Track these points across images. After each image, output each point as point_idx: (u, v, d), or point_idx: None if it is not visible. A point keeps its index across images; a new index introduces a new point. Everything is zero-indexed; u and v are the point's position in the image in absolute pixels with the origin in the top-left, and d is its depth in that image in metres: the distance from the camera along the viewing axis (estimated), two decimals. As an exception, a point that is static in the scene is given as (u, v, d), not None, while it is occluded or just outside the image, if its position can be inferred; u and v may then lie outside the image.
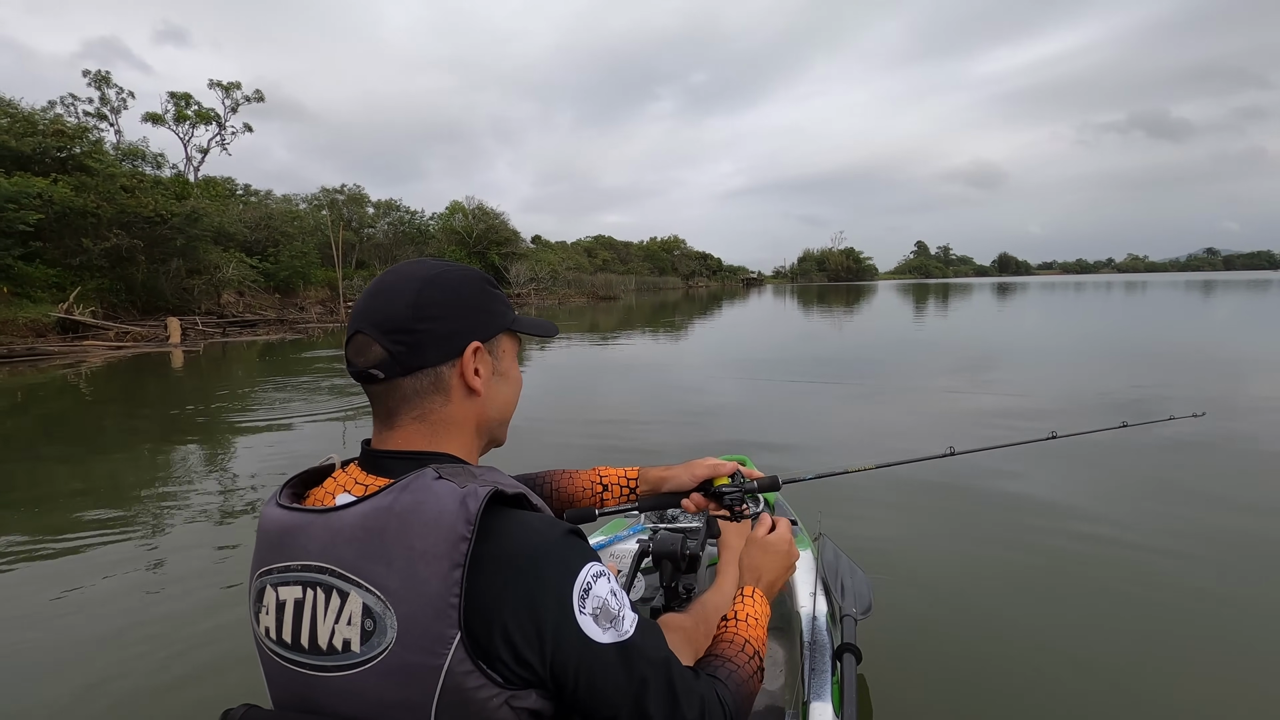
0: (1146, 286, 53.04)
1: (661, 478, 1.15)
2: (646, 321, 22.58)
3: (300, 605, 0.68)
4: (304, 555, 0.68)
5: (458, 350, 0.77)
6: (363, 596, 0.64)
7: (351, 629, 0.64)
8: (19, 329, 14.95)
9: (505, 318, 0.84)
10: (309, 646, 0.67)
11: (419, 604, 0.62)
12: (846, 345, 13.75)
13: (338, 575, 0.66)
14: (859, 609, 1.60)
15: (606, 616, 0.68)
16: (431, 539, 0.63)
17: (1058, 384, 7.84)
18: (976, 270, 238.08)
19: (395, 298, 0.76)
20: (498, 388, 0.84)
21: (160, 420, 7.07)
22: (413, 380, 0.76)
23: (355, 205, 42.10)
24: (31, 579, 3.09)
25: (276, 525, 0.72)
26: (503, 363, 0.85)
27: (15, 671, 2.36)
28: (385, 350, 0.75)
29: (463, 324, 0.78)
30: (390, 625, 0.63)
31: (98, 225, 18.10)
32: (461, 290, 0.79)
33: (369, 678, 0.64)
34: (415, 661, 0.62)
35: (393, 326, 0.75)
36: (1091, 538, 3.28)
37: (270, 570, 0.71)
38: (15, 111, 20.32)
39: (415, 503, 0.65)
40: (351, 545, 0.66)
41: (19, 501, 4.32)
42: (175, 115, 36.35)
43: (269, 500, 0.75)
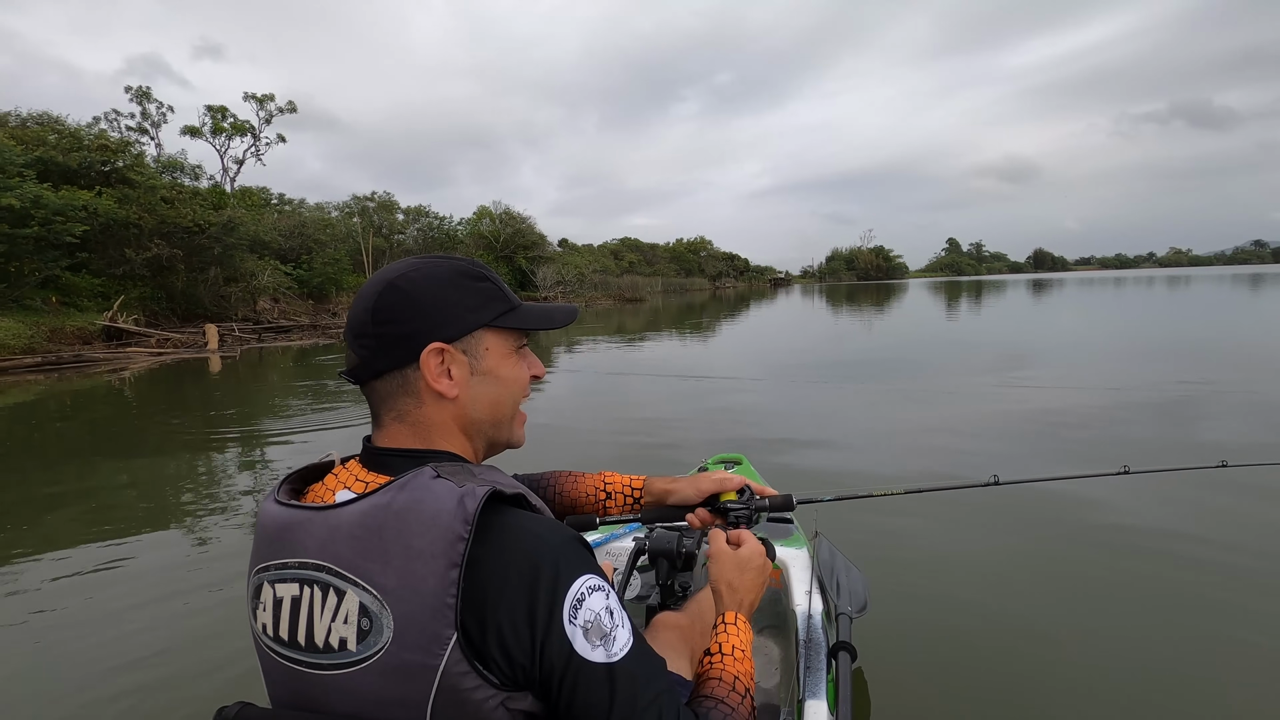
0: (1190, 281, 51.31)
1: (667, 490, 1.12)
2: (673, 323, 22.53)
3: (298, 603, 0.67)
4: (302, 552, 0.68)
5: (414, 353, 0.74)
6: (359, 595, 0.64)
7: (348, 628, 0.64)
8: (67, 337, 15.50)
9: (484, 313, 0.79)
10: (306, 644, 0.67)
11: (416, 603, 0.62)
12: (877, 345, 13.53)
13: (335, 573, 0.65)
14: (855, 607, 1.58)
15: (597, 632, 0.66)
16: (429, 538, 0.63)
17: (1105, 382, 7.60)
18: (1011, 267, 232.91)
19: (361, 302, 0.77)
20: (479, 390, 0.79)
21: (197, 424, 7.25)
22: (382, 383, 0.77)
23: (385, 212, 42.84)
24: (56, 574, 3.18)
25: (275, 522, 0.71)
26: (485, 362, 0.79)
27: (22, 665, 2.41)
28: (356, 354, 0.76)
29: (419, 325, 0.75)
30: (387, 624, 0.62)
31: (140, 236, 18.69)
32: (423, 289, 0.76)
33: (365, 676, 0.64)
34: (411, 661, 0.62)
35: (358, 331, 0.76)
36: (1091, 535, 3.24)
37: (268, 567, 0.70)
38: (62, 128, 21.14)
39: (413, 501, 0.65)
40: (349, 543, 0.65)
41: (67, 497, 4.46)
42: (212, 128, 37.44)
43: (268, 496, 0.75)
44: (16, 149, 16.91)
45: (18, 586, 3.08)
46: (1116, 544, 3.12)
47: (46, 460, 5.85)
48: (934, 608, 2.61)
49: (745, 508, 1.08)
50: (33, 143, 18.78)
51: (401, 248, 41.70)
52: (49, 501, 4.51)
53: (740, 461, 2.55)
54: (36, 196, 15.51)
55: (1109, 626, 2.45)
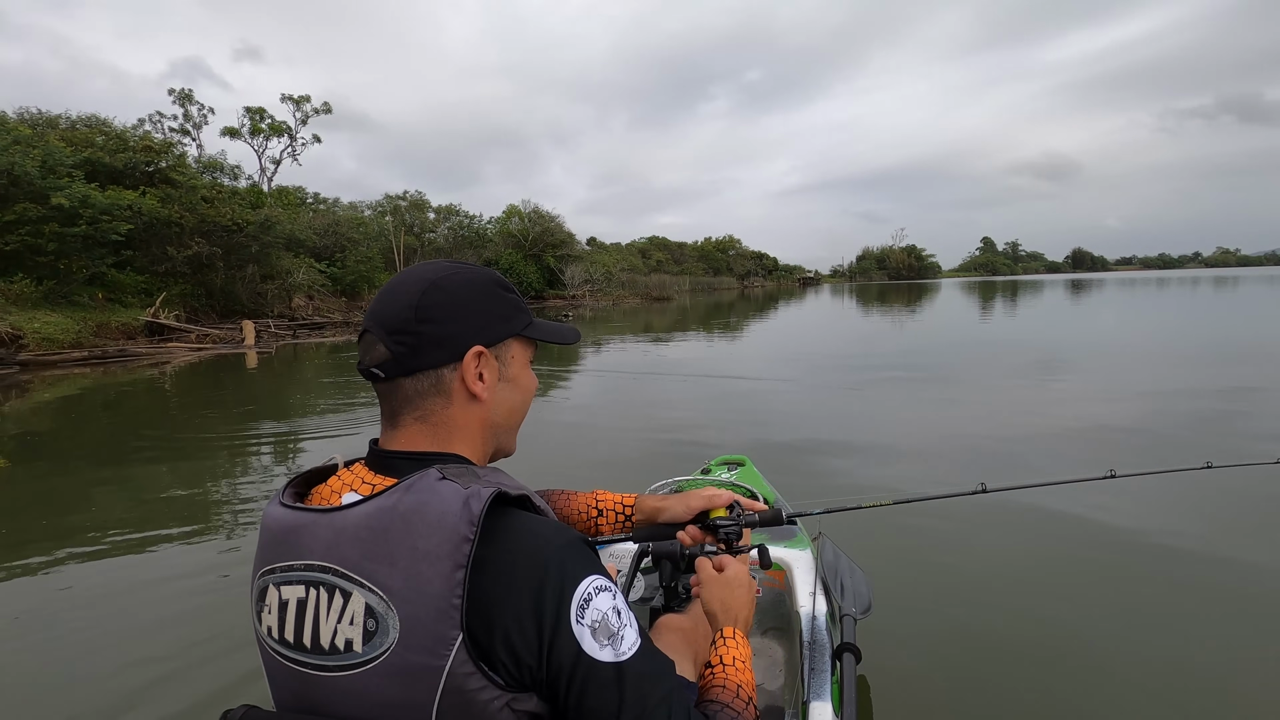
0: (1239, 282, 49.52)
1: (657, 508, 1.12)
2: (700, 322, 22.46)
3: (303, 605, 0.68)
4: (307, 555, 0.68)
5: (458, 354, 0.76)
6: (365, 596, 0.64)
7: (354, 629, 0.64)
8: (112, 332, 16.03)
9: (515, 322, 0.82)
10: (311, 646, 0.67)
11: (421, 604, 0.62)
12: (906, 346, 13.31)
13: (341, 575, 0.65)
14: (859, 609, 1.58)
15: (605, 632, 0.67)
16: (435, 539, 0.63)
17: (1141, 386, 7.38)
18: (1048, 266, 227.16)
19: (400, 298, 0.76)
20: (504, 394, 0.82)
21: (233, 419, 7.44)
22: (413, 381, 0.76)
23: (417, 211, 43.49)
24: (87, 560, 3.28)
25: (280, 524, 0.71)
26: (511, 368, 0.83)
27: (35, 652, 2.49)
28: (388, 350, 0.75)
29: (465, 327, 0.77)
30: (393, 625, 0.62)
31: (181, 234, 19.25)
32: (467, 293, 0.78)
33: (371, 678, 0.64)
34: (417, 662, 0.62)
35: (395, 327, 0.75)
36: (1097, 539, 3.22)
37: (273, 569, 0.70)
38: (110, 130, 21.85)
39: (419, 503, 0.65)
40: (355, 545, 0.65)
41: (109, 485, 4.61)
42: (250, 129, 38.39)
43: (272, 500, 0.75)
44: (66, 150, 17.52)
45: (48, 570, 3.19)
46: (1122, 548, 3.12)
47: (92, 450, 6.07)
48: (938, 608, 2.62)
49: (735, 524, 1.09)
50: (81, 144, 19.46)
51: (432, 246, 42.31)
52: (92, 489, 4.68)
53: (743, 463, 2.54)
54: (85, 196, 16.07)
55: (1113, 628, 2.45)
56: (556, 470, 4.69)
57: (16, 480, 5.05)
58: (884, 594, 2.57)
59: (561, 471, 4.65)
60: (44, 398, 9.34)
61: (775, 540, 1.82)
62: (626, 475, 4.48)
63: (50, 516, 4.12)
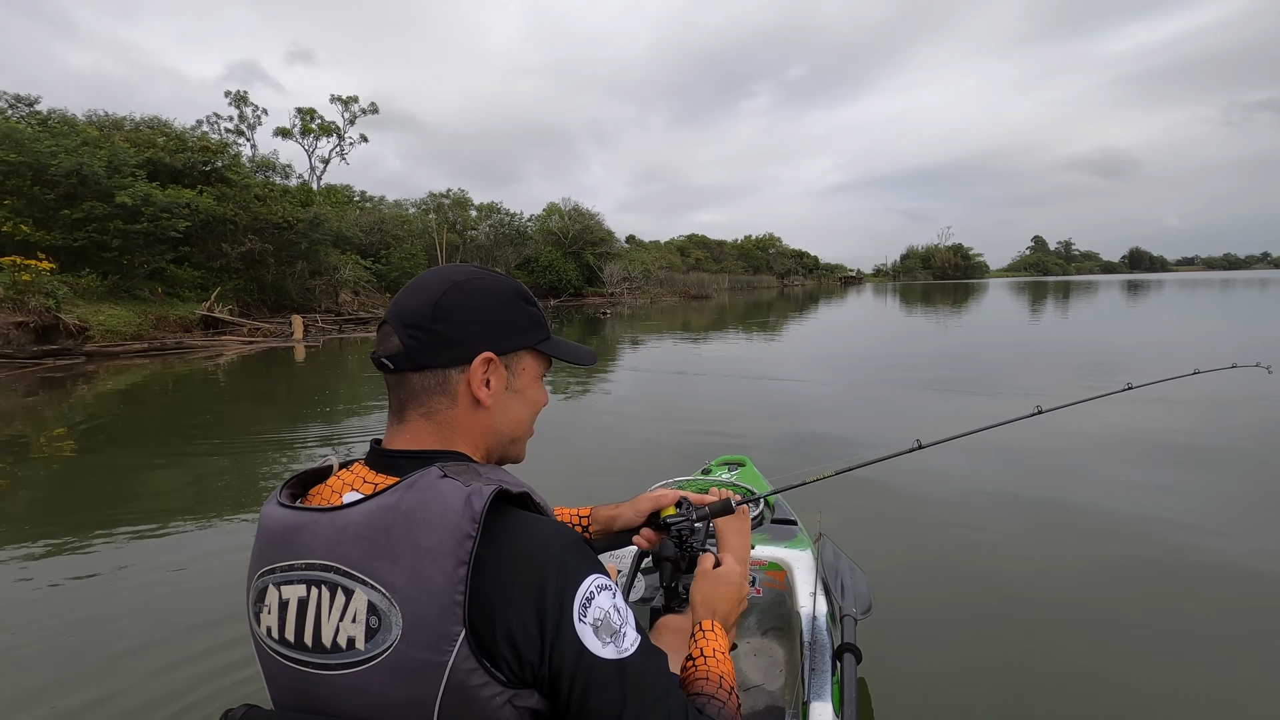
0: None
1: (611, 516, 1.13)
2: (738, 321, 22.32)
3: (304, 604, 0.68)
4: (308, 554, 0.68)
5: (468, 357, 0.77)
6: (368, 594, 0.64)
7: (356, 626, 0.64)
8: (170, 325, 16.73)
9: (531, 336, 0.83)
10: (313, 645, 0.67)
11: (424, 601, 0.62)
12: (949, 348, 12.98)
13: (342, 573, 0.66)
14: (859, 609, 1.58)
15: (608, 630, 0.67)
16: (437, 536, 0.63)
17: (1200, 394, 7.05)
18: (1103, 267, 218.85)
19: (421, 294, 0.78)
20: (509, 404, 0.82)
21: (282, 410, 7.69)
22: (421, 377, 0.77)
23: (459, 209, 44.21)
24: (135, 540, 3.43)
25: (280, 524, 0.71)
26: (519, 380, 0.83)
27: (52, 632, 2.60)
28: (401, 342, 0.76)
29: (478, 332, 0.78)
30: (395, 622, 0.63)
31: (235, 231, 19.99)
32: (486, 299, 0.79)
33: (373, 675, 0.64)
34: (420, 658, 0.62)
35: (411, 321, 0.76)
36: (1094, 536, 3.24)
37: (273, 569, 0.70)
38: (170, 131, 22.82)
39: (421, 501, 0.65)
40: (357, 543, 0.66)
41: (167, 470, 4.82)
42: (301, 129, 39.55)
43: (269, 500, 0.75)
44: (130, 151, 18.37)
45: (106, 544, 3.35)
46: (1126, 550, 3.08)
47: (151, 436, 6.35)
48: (938, 609, 2.61)
49: (685, 519, 1.10)
50: (144, 145, 20.37)
51: (474, 244, 42.96)
52: (151, 474, 4.89)
53: (744, 463, 2.54)
54: (146, 195, 16.82)
55: (1118, 630, 2.43)
56: (580, 464, 4.73)
57: (83, 463, 5.32)
58: (885, 595, 2.58)
59: (583, 465, 4.68)
60: (107, 387, 9.80)
61: (775, 540, 1.83)
62: (636, 469, 4.48)
63: (110, 498, 4.32)
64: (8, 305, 12.87)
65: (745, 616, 1.79)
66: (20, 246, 15.22)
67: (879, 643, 2.23)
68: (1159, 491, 3.87)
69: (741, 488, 2.10)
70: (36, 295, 13.06)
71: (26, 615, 2.73)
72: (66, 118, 20.26)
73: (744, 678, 1.65)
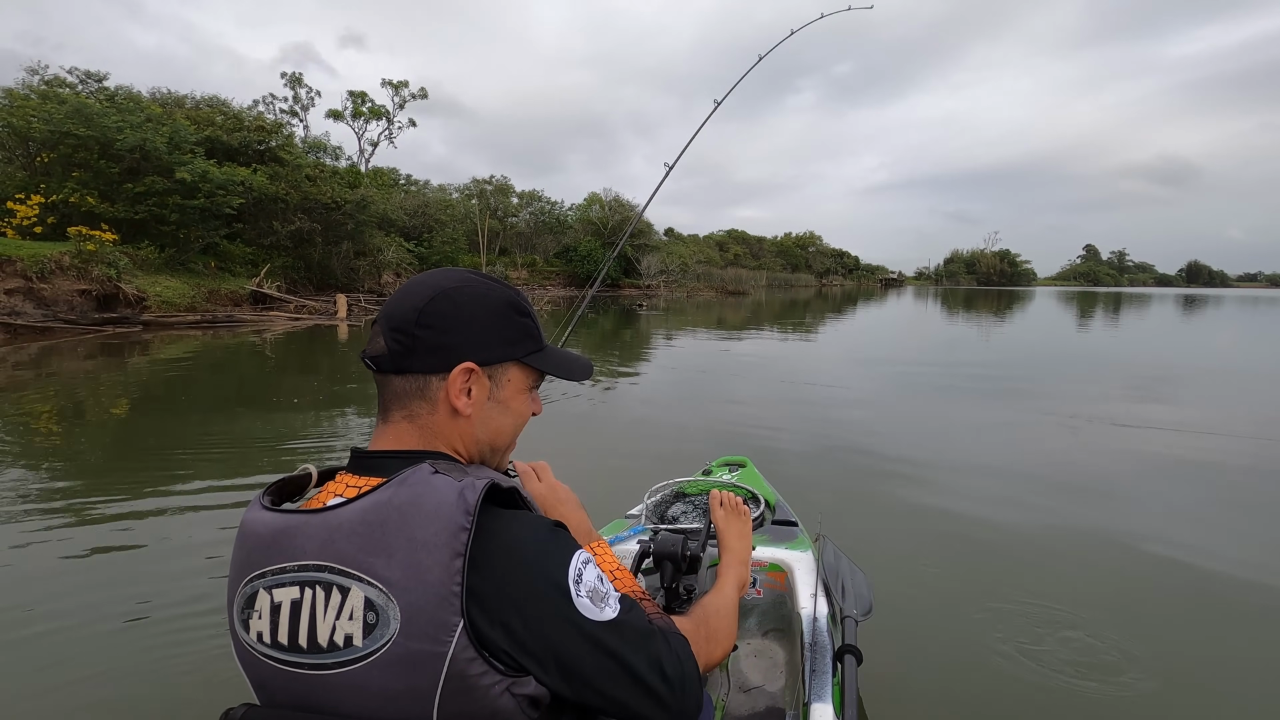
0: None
1: None
2: (774, 319, 22.15)
3: (298, 605, 0.67)
4: (300, 555, 0.68)
5: (448, 365, 0.77)
6: (364, 590, 0.64)
7: (354, 624, 0.65)
8: (221, 299, 17.32)
9: (519, 348, 0.83)
10: (308, 646, 0.67)
11: (421, 593, 0.63)
12: (990, 356, 12.69)
13: (337, 571, 0.66)
14: (860, 610, 1.56)
15: (598, 596, 0.71)
16: (432, 529, 0.64)
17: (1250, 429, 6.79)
18: (1158, 279, 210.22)
19: (409, 299, 0.78)
20: (490, 414, 0.82)
21: (325, 386, 7.93)
22: (403, 380, 0.78)
23: (501, 195, 44.68)
24: (177, 510, 3.60)
25: (268, 528, 0.71)
26: (503, 391, 0.83)
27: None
28: (385, 345, 0.77)
29: (459, 341, 0.78)
30: (393, 616, 0.63)
31: (285, 210, 20.55)
32: (474, 308, 0.79)
33: (372, 670, 0.64)
34: (419, 650, 0.63)
35: (397, 324, 0.77)
36: (1097, 536, 3.26)
37: (263, 573, 0.69)
38: (228, 110, 23.57)
39: (414, 495, 0.66)
40: (351, 540, 0.66)
41: (213, 439, 5.04)
42: (352, 112, 40.35)
43: (251, 506, 0.75)
44: (190, 129, 18.99)
45: (116, 516, 3.52)
46: (1132, 553, 3.09)
47: (201, 405, 6.61)
48: (939, 610, 2.60)
49: None
50: (203, 123, 21.05)
51: (514, 230, 43.39)
52: (201, 442, 5.11)
53: (745, 464, 2.54)
54: (204, 172, 17.41)
55: (1121, 631, 2.41)
56: (581, 462, 4.78)
57: (137, 425, 5.58)
58: (886, 596, 2.56)
59: (584, 463, 4.74)
60: (162, 355, 10.23)
61: (776, 542, 1.83)
62: (636, 469, 4.52)
63: (160, 461, 4.53)
64: (73, 273, 13.48)
65: (746, 618, 1.80)
66: (86, 217, 15.92)
67: (880, 644, 2.22)
68: (1175, 506, 3.80)
69: (743, 489, 2.10)
70: (99, 265, 13.66)
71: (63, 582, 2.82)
72: (132, 94, 21.03)
73: (744, 679, 1.66)
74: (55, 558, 2.97)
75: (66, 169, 16.69)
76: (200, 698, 2.02)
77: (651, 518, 1.87)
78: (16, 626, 2.40)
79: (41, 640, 2.31)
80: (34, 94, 17.65)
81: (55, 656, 2.22)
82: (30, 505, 3.61)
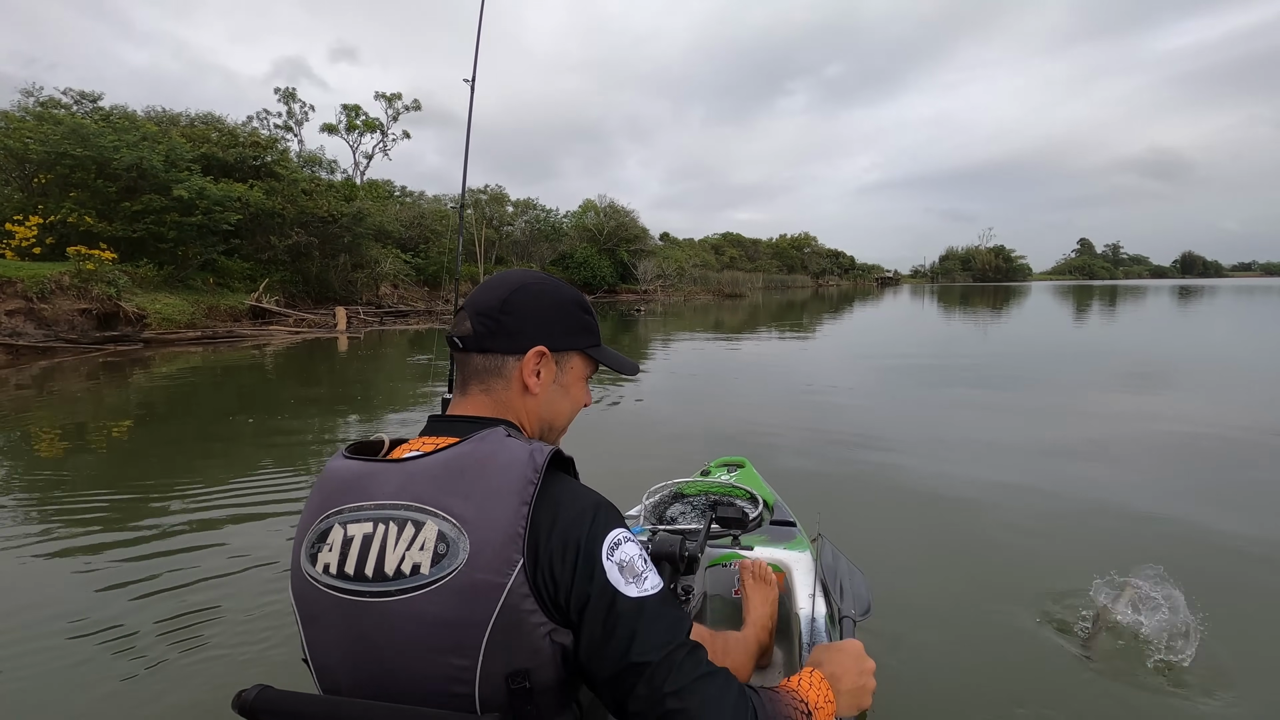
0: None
1: None
2: (771, 320, 22.23)
3: (369, 539, 0.75)
4: (379, 495, 0.77)
5: (524, 347, 0.90)
6: (438, 524, 0.73)
7: (424, 553, 0.73)
8: (220, 314, 17.37)
9: (581, 339, 0.96)
10: (373, 574, 0.74)
11: (491, 530, 0.72)
12: (986, 350, 12.77)
13: (414, 509, 0.75)
14: (858, 610, 1.57)
15: (631, 571, 0.76)
16: (505, 479, 0.75)
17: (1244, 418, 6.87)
18: (1153, 271, 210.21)
19: (495, 290, 0.92)
20: (554, 396, 0.95)
21: (325, 398, 7.99)
22: (483, 358, 0.91)
23: (496, 204, 44.69)
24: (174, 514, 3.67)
25: (350, 471, 0.81)
26: (566, 376, 0.96)
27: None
28: (471, 326, 0.90)
29: (535, 328, 0.90)
30: (463, 548, 0.72)
31: (282, 224, 20.61)
32: (547, 301, 0.92)
33: (433, 597, 0.72)
34: (482, 580, 0.71)
35: (482, 310, 0.90)
36: (1098, 535, 3.25)
37: (341, 510, 0.78)
38: (223, 127, 23.65)
39: (491, 450, 0.77)
40: (431, 483, 0.76)
41: (214, 450, 5.11)
42: (346, 125, 40.47)
43: (334, 457, 0.86)
44: (186, 146, 19.07)
45: (156, 524, 3.60)
46: (1138, 554, 2.99)
47: (203, 419, 6.68)
48: (938, 610, 2.59)
49: None
50: (199, 140, 21.12)
51: (510, 239, 43.44)
52: (202, 452, 5.19)
53: (743, 465, 2.56)
54: (201, 189, 17.47)
55: (1119, 630, 2.38)
56: (580, 462, 4.87)
57: (138, 442, 5.65)
58: (884, 596, 2.57)
59: (582, 463, 4.81)
60: (163, 371, 10.29)
61: (774, 542, 1.83)
62: (638, 469, 4.59)
63: (163, 475, 4.60)
64: (73, 292, 13.55)
65: None
66: (84, 237, 15.98)
67: (879, 644, 2.24)
68: (1182, 504, 3.75)
69: (742, 489, 2.12)
70: (99, 284, 13.72)
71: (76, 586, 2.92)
72: (127, 113, 21.13)
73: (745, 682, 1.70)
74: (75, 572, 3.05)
75: (64, 189, 16.75)
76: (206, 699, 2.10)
77: (650, 518, 1.92)
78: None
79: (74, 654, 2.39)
80: (30, 116, 17.73)
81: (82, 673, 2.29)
82: (62, 521, 3.68)
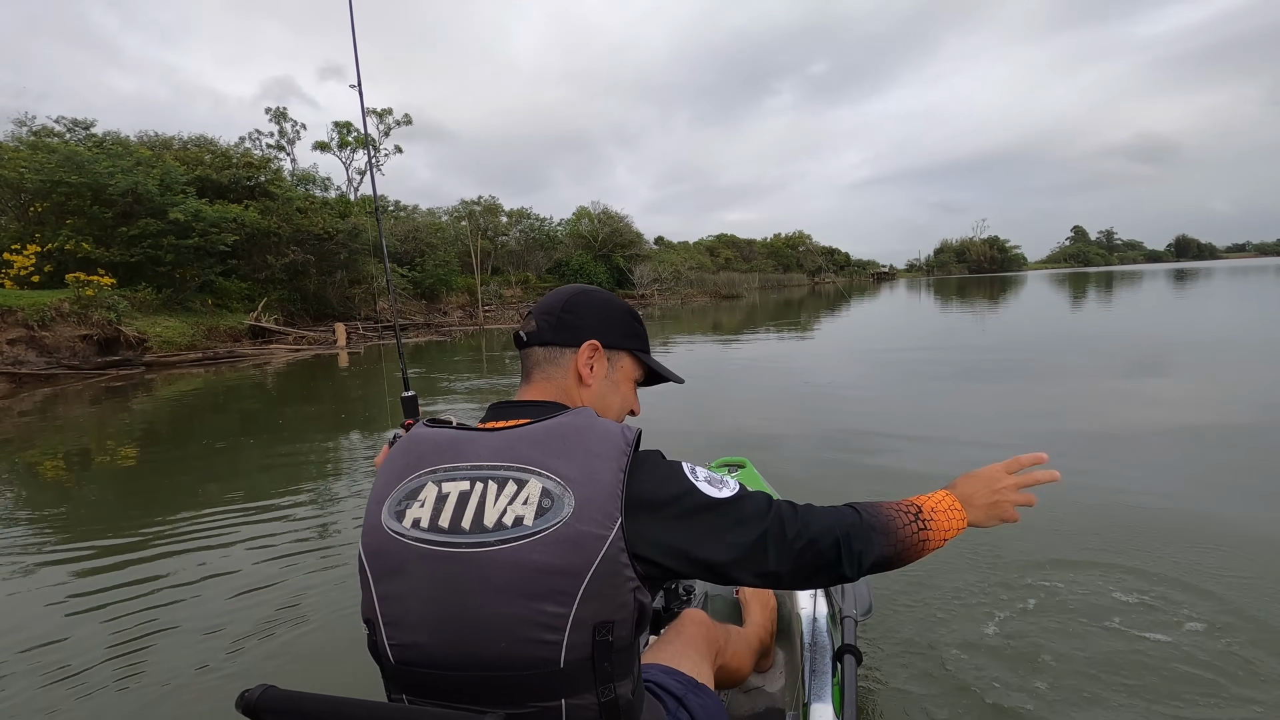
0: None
1: None
2: (769, 320, 22.30)
3: (465, 496, 0.83)
4: (475, 458, 0.85)
5: (579, 341, 1.03)
6: (543, 481, 0.81)
7: (528, 507, 0.80)
8: (220, 335, 17.45)
9: (630, 342, 1.09)
10: (471, 527, 0.81)
11: (594, 488, 0.81)
12: (983, 342, 12.84)
13: (516, 469, 0.83)
14: (860, 610, 1.59)
15: (715, 482, 0.90)
16: (605, 445, 0.85)
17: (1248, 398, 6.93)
18: (1148, 256, 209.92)
19: (559, 296, 1.07)
20: (604, 389, 1.06)
21: (328, 414, 8.05)
22: (545, 351, 1.03)
23: (490, 215, 44.79)
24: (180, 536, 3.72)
25: (444, 437, 0.90)
26: (617, 374, 1.08)
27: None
28: (536, 324, 1.04)
29: (589, 326, 1.04)
30: (568, 503, 0.79)
31: (279, 243, 20.71)
32: (602, 305, 1.07)
33: (535, 547, 0.78)
34: (586, 531, 0.79)
35: (547, 310, 1.05)
36: (1100, 535, 3.16)
37: (435, 469, 0.86)
38: (215, 149, 23.71)
39: (589, 421, 0.88)
40: (534, 446, 0.85)
41: (219, 471, 5.17)
42: (338, 142, 40.60)
43: (416, 427, 0.95)
44: (180, 169, 19.17)
45: (161, 546, 3.66)
46: (1142, 554, 2.94)
47: (205, 439, 6.73)
48: (939, 610, 2.55)
49: None
50: (192, 163, 21.20)
51: (505, 249, 43.55)
52: (205, 473, 5.24)
53: (744, 465, 2.56)
54: (197, 211, 17.57)
55: (1118, 629, 2.37)
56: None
57: (143, 466, 5.71)
58: (885, 595, 2.56)
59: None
60: (165, 393, 10.35)
61: None
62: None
63: (168, 499, 4.66)
64: (73, 319, 13.63)
65: None
66: (82, 263, 16.07)
67: (880, 644, 2.27)
68: (1191, 502, 3.56)
69: None
70: (99, 309, 13.81)
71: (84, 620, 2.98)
72: (120, 139, 21.17)
73: (743, 679, 1.69)
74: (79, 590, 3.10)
75: (60, 217, 16.85)
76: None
77: None
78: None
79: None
80: (23, 145, 17.83)
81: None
82: (66, 543, 3.74)
